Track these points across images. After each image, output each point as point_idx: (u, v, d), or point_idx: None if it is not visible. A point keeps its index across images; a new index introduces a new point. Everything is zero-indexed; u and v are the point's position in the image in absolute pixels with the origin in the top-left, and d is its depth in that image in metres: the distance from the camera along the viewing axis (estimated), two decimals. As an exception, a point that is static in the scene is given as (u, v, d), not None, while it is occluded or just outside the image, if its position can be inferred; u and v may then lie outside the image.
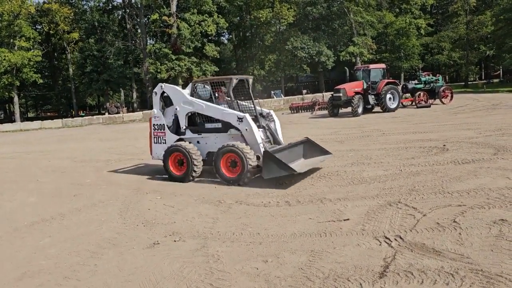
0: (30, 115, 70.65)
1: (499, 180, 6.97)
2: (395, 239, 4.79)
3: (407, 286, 3.73)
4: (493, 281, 3.67)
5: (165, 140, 9.55)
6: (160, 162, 9.38)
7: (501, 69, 65.95)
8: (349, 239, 4.95)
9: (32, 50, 42.96)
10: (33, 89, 57.07)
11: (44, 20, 49.20)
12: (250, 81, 9.55)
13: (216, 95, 9.36)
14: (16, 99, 43.16)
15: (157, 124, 9.68)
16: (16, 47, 40.63)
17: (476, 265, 4.00)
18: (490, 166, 8.05)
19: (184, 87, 10.49)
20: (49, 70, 59.06)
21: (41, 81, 45.31)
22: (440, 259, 4.19)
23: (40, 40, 50.18)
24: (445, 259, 4.18)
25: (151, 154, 9.90)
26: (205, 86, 9.67)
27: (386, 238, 4.86)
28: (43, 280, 4.51)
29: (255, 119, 8.88)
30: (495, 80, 59.63)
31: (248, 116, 8.45)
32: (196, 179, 8.96)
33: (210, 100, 9.30)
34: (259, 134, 8.51)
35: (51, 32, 50.63)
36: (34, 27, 49.83)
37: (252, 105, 9.15)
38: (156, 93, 9.73)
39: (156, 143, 9.71)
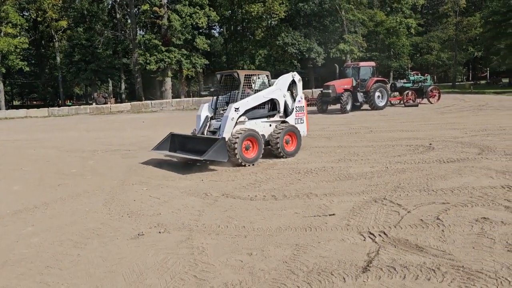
0: (16, 103, 69.41)
1: (483, 179, 7.08)
2: (379, 235, 4.84)
3: (389, 281, 3.76)
4: (474, 277, 3.73)
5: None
6: (149, 154, 9.27)
7: (488, 71, 66.84)
8: (334, 234, 4.98)
9: (19, 37, 42.08)
10: (19, 77, 56.08)
11: (32, 7, 48.23)
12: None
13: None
14: (1, 86, 42.35)
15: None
16: (2, 34, 39.83)
17: (458, 261, 4.06)
18: (475, 165, 8.17)
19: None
20: (36, 58, 58.07)
21: (27, 69, 44.55)
22: (423, 255, 4.25)
23: (27, 27, 49.18)
24: (427, 255, 4.24)
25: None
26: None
27: (371, 233, 4.90)
28: (24, 268, 4.45)
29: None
30: (482, 82, 60.39)
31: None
32: (184, 172, 8.93)
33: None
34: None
35: (38, 19, 49.64)
36: (21, 14, 48.81)
37: None
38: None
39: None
